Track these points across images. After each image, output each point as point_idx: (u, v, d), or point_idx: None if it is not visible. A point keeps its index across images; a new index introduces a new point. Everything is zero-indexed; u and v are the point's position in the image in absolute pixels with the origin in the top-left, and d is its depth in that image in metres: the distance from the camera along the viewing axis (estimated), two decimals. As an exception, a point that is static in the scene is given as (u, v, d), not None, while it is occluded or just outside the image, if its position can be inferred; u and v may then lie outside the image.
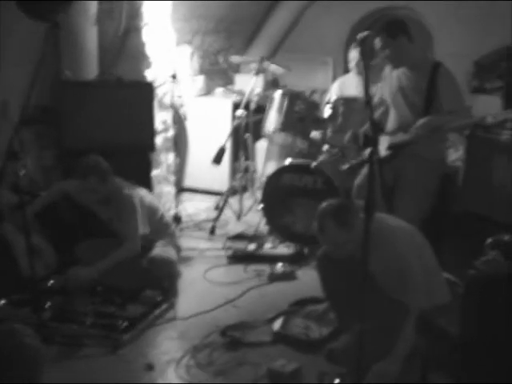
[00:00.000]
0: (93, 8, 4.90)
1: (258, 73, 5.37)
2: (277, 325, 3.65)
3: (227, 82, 6.97)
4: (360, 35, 2.69)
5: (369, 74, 2.60)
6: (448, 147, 4.94)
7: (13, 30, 4.49)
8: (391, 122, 4.39)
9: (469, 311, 2.35)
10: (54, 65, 4.82)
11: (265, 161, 6.31)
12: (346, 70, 6.78)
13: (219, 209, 5.48)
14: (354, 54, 5.45)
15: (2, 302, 3.79)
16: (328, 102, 4.88)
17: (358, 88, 5.19)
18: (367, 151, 2.65)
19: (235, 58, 6.08)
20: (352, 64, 5.57)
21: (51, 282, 3.99)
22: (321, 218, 3.14)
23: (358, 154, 4.57)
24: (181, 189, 6.24)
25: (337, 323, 3.51)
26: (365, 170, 4.32)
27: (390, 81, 4.35)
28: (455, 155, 5.32)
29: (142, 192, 4.30)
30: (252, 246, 4.86)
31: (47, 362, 3.07)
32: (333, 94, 5.57)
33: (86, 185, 4.07)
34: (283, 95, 4.94)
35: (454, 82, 4.15)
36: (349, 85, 5.54)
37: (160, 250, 4.25)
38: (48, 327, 3.45)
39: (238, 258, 4.73)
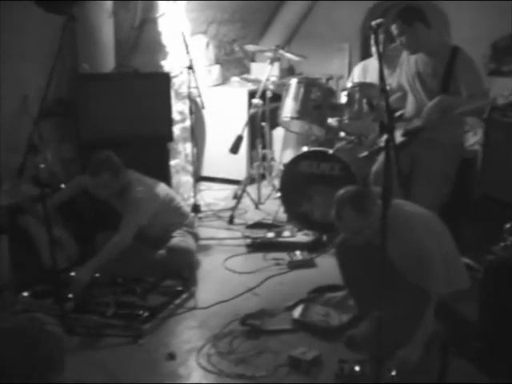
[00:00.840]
0: (108, 0, 4.92)
1: (273, 61, 5.36)
2: (296, 312, 3.67)
3: (243, 70, 6.97)
4: (373, 23, 2.68)
5: (382, 61, 2.59)
6: (466, 131, 4.91)
7: (29, 24, 4.52)
8: (409, 108, 4.37)
9: (487, 297, 2.35)
10: (71, 58, 4.86)
11: (282, 149, 6.31)
12: (363, 56, 6.76)
13: (237, 197, 5.51)
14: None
15: (25, 293, 3.85)
16: (344, 89, 4.86)
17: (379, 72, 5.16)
18: (383, 138, 2.64)
19: (250, 47, 6.07)
20: (374, 49, 5.54)
21: (73, 273, 4.03)
22: (338, 205, 3.15)
23: (375, 140, 4.56)
24: (199, 178, 6.26)
25: (356, 310, 3.52)
26: (382, 157, 4.32)
27: (408, 66, 4.32)
28: (474, 139, 5.29)
29: (157, 185, 4.32)
30: (271, 234, 4.87)
31: (69, 352, 3.14)
32: (355, 78, 5.55)
33: (98, 181, 4.09)
34: (299, 83, 4.92)
35: (473, 66, 4.11)
36: (371, 69, 5.51)
37: (178, 239, 4.28)
38: (70, 318, 3.50)
39: (256, 246, 4.75)
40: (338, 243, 3.49)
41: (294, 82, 4.97)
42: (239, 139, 5.20)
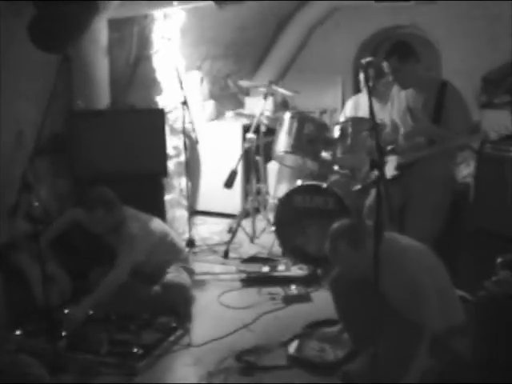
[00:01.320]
0: (103, 38, 4.97)
1: (266, 96, 5.41)
2: (292, 348, 3.65)
3: (237, 105, 7.03)
4: (363, 60, 2.72)
5: (372, 97, 2.62)
6: (458, 163, 4.94)
7: (26, 62, 4.57)
8: (401, 142, 4.41)
9: (480, 333, 2.35)
10: (66, 95, 4.89)
11: (276, 183, 6.34)
12: (356, 89, 6.84)
13: (232, 232, 5.51)
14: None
15: (18, 332, 3.82)
16: (337, 123, 4.90)
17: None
18: (374, 173, 2.67)
19: (244, 83, 6.13)
20: (363, 84, 5.60)
21: (66, 311, 4.01)
22: (333, 238, 3.16)
23: (368, 174, 4.58)
24: (194, 212, 6.27)
25: (352, 345, 3.50)
26: (374, 191, 4.33)
27: (398, 101, 4.37)
28: (466, 170, 5.32)
29: (152, 221, 4.32)
30: (265, 269, 4.87)
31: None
32: (347, 112, 5.61)
33: (93, 216, 4.10)
34: (292, 117, 4.96)
35: (461, 100, 4.17)
36: (363, 103, 5.57)
37: (173, 275, 4.27)
38: (63, 356, 3.47)
39: (251, 281, 4.74)
40: (332, 277, 3.49)
41: (287, 116, 5.01)
42: (233, 174, 5.22)
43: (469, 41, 6.32)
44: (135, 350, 3.59)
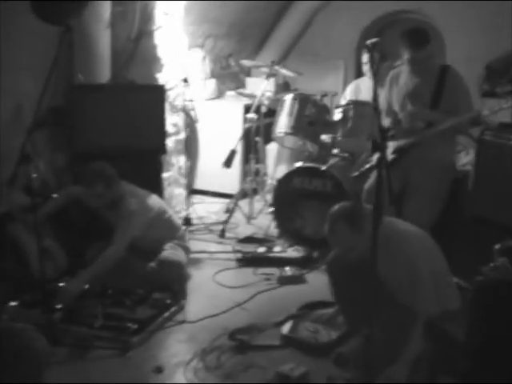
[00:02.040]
0: (106, 11, 4.93)
1: (268, 77, 5.39)
2: (285, 328, 3.66)
3: (238, 85, 7.00)
4: (369, 42, 2.70)
5: (377, 79, 2.61)
6: (459, 151, 4.94)
7: (26, 34, 4.53)
8: (399, 127, 4.40)
9: (476, 317, 2.35)
10: (66, 68, 4.86)
11: (275, 164, 6.33)
12: (357, 74, 6.80)
13: (229, 211, 5.50)
14: (367, 58, 5.46)
15: (14, 302, 3.83)
16: (338, 106, 4.88)
17: (371, 92, 5.20)
18: (376, 156, 2.66)
19: (246, 62, 6.10)
20: (366, 68, 5.58)
21: (61, 284, 4.02)
22: (332, 220, 3.16)
23: (367, 158, 4.58)
24: (191, 191, 6.26)
25: (346, 327, 3.51)
26: (374, 175, 4.33)
27: (397, 87, 4.35)
28: (466, 159, 5.31)
29: (150, 197, 4.31)
30: (261, 249, 4.87)
31: (57, 363, 3.12)
32: (347, 96, 5.59)
33: (92, 191, 4.09)
34: (294, 99, 4.95)
35: (462, 84, 4.15)
36: (363, 88, 5.56)
37: (169, 252, 4.28)
38: (58, 329, 3.48)
39: (247, 260, 4.75)
40: (329, 260, 3.49)
41: (288, 97, 4.99)
42: (233, 153, 5.21)
43: (473, 29, 6.28)
44: (129, 324, 3.60)
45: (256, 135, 5.69)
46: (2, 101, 4.40)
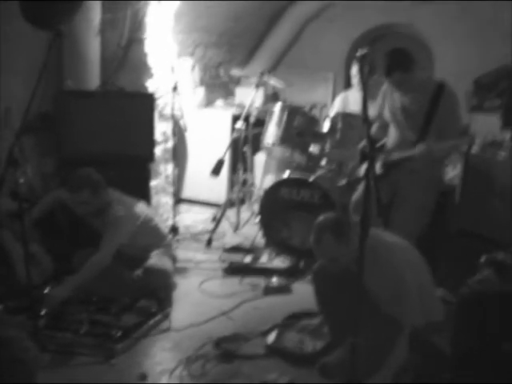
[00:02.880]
0: (96, 18, 4.94)
1: (258, 86, 5.40)
2: (271, 338, 3.65)
3: (227, 94, 7.02)
4: (359, 53, 2.71)
5: (367, 90, 2.63)
6: (446, 165, 4.96)
7: (16, 38, 4.52)
8: (391, 140, 4.42)
9: (460, 329, 2.36)
10: (56, 74, 4.86)
11: (263, 174, 6.34)
12: (347, 86, 6.85)
13: (216, 221, 5.50)
14: (356, 70, 5.50)
15: (-1, 308, 3.81)
16: (327, 117, 4.90)
17: (360, 104, 5.22)
18: (364, 167, 2.67)
19: (235, 72, 6.11)
20: (354, 80, 5.62)
21: (47, 289, 3.99)
22: (318, 230, 3.16)
23: (355, 170, 4.59)
24: (179, 200, 6.26)
25: (331, 337, 3.51)
26: (361, 186, 4.35)
27: (391, 99, 4.36)
28: (453, 173, 5.34)
29: (137, 205, 4.30)
30: (248, 259, 4.88)
31: (41, 368, 3.09)
32: (335, 108, 5.62)
33: (78, 198, 4.07)
34: (282, 109, 4.97)
35: (456, 105, 4.15)
36: (352, 99, 5.60)
37: (156, 260, 4.26)
38: (42, 335, 3.45)
39: (233, 270, 4.74)
40: (315, 270, 3.49)
41: (277, 108, 5.01)
42: (220, 162, 5.21)
43: (462, 43, 6.34)
44: (114, 331, 3.58)
45: (244, 145, 5.70)
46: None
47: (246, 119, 5.51)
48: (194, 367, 3.37)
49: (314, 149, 4.98)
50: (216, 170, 5.21)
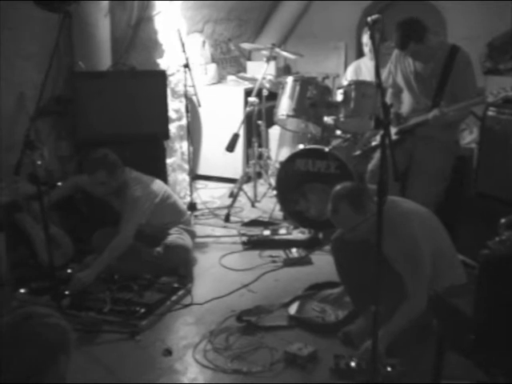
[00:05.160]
0: (105, -1, 4.93)
1: (269, 60, 5.37)
2: (292, 309, 3.68)
3: (239, 69, 6.99)
4: (369, 18, 2.68)
5: (379, 56, 2.60)
6: (462, 129, 4.92)
7: (27, 22, 4.53)
8: (405, 106, 4.40)
9: (483, 291, 2.35)
10: (67, 56, 4.86)
11: (278, 147, 6.33)
12: (359, 55, 6.79)
13: (233, 196, 5.52)
14: (367, 38, 5.45)
15: (22, 290, 3.86)
16: (340, 87, 4.86)
17: (372, 73, 5.19)
18: (378, 136, 2.65)
19: (246, 45, 6.08)
20: (366, 49, 5.57)
21: (69, 270, 4.05)
22: (335, 199, 3.16)
23: (370, 139, 4.58)
24: (195, 176, 6.28)
25: (352, 306, 3.53)
26: (377, 154, 4.33)
27: (403, 66, 4.32)
28: (469, 137, 5.32)
29: (154, 182, 4.32)
30: (267, 232, 4.89)
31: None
32: (348, 77, 5.58)
33: (95, 179, 4.09)
34: (295, 81, 4.92)
35: (470, 67, 4.12)
36: (364, 68, 5.56)
37: (175, 236, 4.29)
38: (67, 314, 3.50)
39: (252, 243, 4.76)
40: (333, 239, 3.50)
41: (290, 80, 4.97)
42: (235, 137, 5.20)
43: (474, 7, 6.25)
44: (137, 308, 3.63)
45: (258, 119, 5.68)
46: (4, 89, 4.40)
47: (259, 93, 5.48)
48: (217, 340, 3.41)
49: (328, 119, 4.95)
50: (230, 146, 5.20)
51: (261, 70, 5.35)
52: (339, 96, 4.78)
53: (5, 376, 1.88)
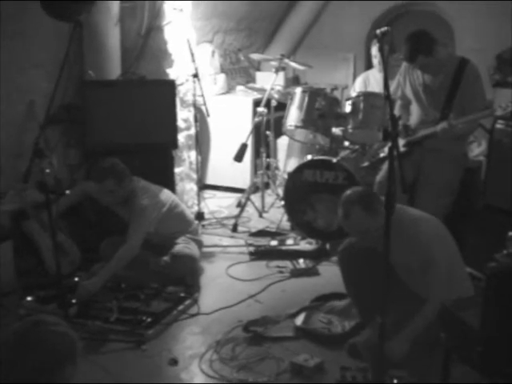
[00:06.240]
0: (115, 7, 4.96)
1: (278, 70, 5.38)
2: (299, 320, 3.68)
3: (248, 79, 7.01)
4: (378, 31, 2.69)
5: (387, 68, 2.61)
6: (470, 142, 4.91)
7: (38, 31, 4.57)
8: (414, 118, 4.39)
9: (490, 304, 2.35)
10: (77, 65, 4.89)
11: (286, 157, 6.34)
12: (367, 66, 6.81)
13: (241, 206, 5.52)
14: (376, 50, 5.46)
15: (29, 298, 3.87)
16: (348, 98, 4.87)
17: (380, 84, 5.19)
18: (386, 147, 2.65)
19: (255, 56, 6.10)
20: (375, 61, 5.58)
21: (76, 278, 4.06)
22: (346, 204, 3.13)
23: (378, 150, 4.57)
24: (203, 186, 6.29)
25: (359, 318, 3.52)
26: (386, 166, 4.33)
27: (413, 77, 4.32)
28: (478, 150, 5.30)
29: (162, 191, 4.33)
30: (274, 242, 4.88)
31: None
32: (357, 88, 5.59)
33: (103, 187, 4.10)
34: (303, 92, 4.93)
35: (479, 80, 4.11)
36: (372, 80, 5.57)
37: (182, 246, 4.30)
38: (74, 323, 3.50)
39: (260, 254, 4.76)
40: (341, 249, 3.49)
41: (298, 90, 4.98)
42: (244, 147, 5.21)
43: (483, 19, 6.25)
44: (144, 318, 3.63)
45: (266, 129, 5.69)
46: (15, 97, 4.43)
47: (268, 103, 5.49)
48: (223, 351, 3.41)
49: (336, 130, 4.96)
50: (239, 156, 5.21)
51: (270, 81, 5.36)
52: (348, 107, 4.78)
53: (12, 382, 1.89)
